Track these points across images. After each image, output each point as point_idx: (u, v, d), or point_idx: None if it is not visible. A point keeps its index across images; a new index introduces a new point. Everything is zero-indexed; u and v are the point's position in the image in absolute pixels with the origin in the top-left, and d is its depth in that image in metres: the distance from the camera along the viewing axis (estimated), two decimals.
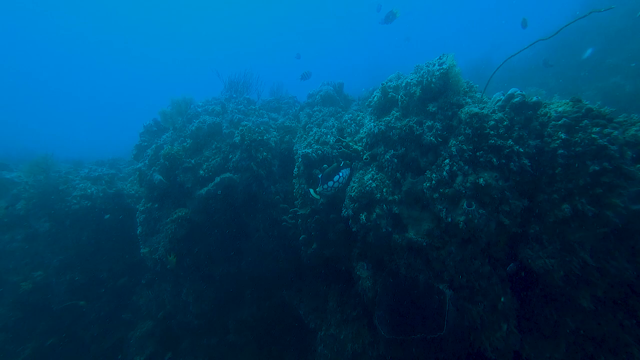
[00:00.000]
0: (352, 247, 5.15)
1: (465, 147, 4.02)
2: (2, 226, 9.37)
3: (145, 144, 7.04)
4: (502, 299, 4.26)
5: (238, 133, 5.88)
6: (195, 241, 6.39)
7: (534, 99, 4.07)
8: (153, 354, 7.21)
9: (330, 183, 4.43)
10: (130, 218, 7.47)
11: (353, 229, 4.76)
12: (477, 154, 3.97)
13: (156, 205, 6.47)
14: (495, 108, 4.15)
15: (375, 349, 5.18)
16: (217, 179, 5.83)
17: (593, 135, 3.53)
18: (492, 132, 3.92)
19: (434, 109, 4.29)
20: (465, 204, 3.98)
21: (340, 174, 4.48)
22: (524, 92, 4.11)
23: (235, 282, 6.76)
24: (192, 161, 6.01)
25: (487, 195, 3.92)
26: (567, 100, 3.96)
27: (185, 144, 6.18)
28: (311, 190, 4.44)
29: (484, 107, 4.17)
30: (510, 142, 3.89)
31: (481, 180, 3.86)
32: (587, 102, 3.78)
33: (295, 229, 5.85)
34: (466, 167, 4.03)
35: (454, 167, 4.06)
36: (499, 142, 3.89)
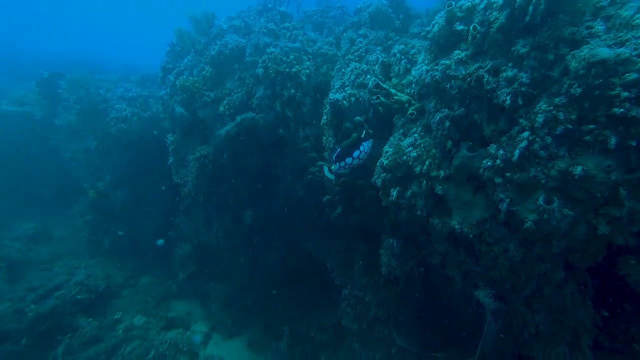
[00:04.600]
0: (382, 217, 4.30)
1: (562, 116, 2.60)
2: (68, 137, 10.09)
3: (170, 65, 6.33)
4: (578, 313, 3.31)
5: (261, 63, 4.82)
6: (222, 181, 6.03)
7: None
8: (193, 273, 7.75)
9: (349, 160, 3.46)
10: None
11: (383, 203, 3.85)
12: (583, 127, 2.53)
13: (182, 138, 6.06)
14: None
15: None
16: (238, 119, 5.06)
17: None
18: (625, 94, 2.34)
19: (524, 49, 2.76)
20: (542, 199, 2.77)
21: (361, 148, 3.43)
22: None
23: (264, 224, 6.51)
24: (212, 95, 5.23)
25: (583, 190, 2.62)
26: None
27: (204, 72, 5.34)
28: (325, 169, 3.51)
29: (623, 46, 2.47)
30: None
31: (578, 169, 2.53)
32: None
33: (322, 183, 5.08)
34: (555, 146, 2.68)
35: (535, 145, 2.74)
36: (633, 112, 2.34)
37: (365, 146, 3.49)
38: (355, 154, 3.46)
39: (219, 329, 7.23)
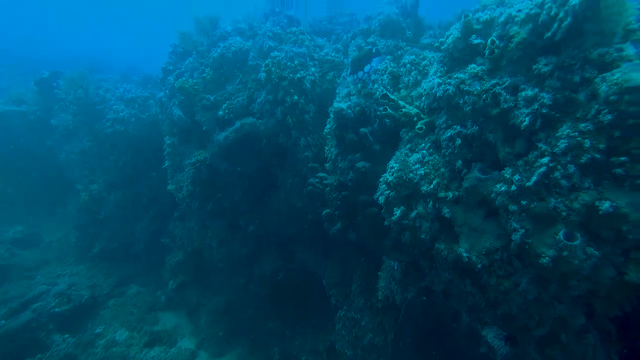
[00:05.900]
0: (384, 237, 4.04)
1: (588, 144, 2.35)
2: (63, 137, 9.83)
3: (171, 67, 6.15)
4: None
5: (264, 67, 4.61)
6: (218, 187, 5.79)
7: None
8: (183, 283, 7.44)
9: (360, 74, 3.48)
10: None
11: (385, 222, 3.60)
12: (613, 159, 2.28)
13: (179, 141, 5.85)
14: None
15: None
16: (237, 124, 4.85)
17: None
18: None
19: (546, 67, 2.53)
20: (562, 234, 2.50)
21: (373, 63, 3.45)
22: None
23: (260, 234, 6.24)
24: (212, 98, 5.03)
25: (610, 229, 2.36)
26: None
27: (205, 75, 5.14)
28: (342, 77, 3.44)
29: None
30: None
31: (605, 205, 2.28)
32: None
33: (323, 196, 4.83)
34: (579, 177, 2.44)
35: (556, 173, 2.49)
36: None
37: (375, 62, 3.44)
38: (367, 68, 3.42)
39: (207, 347, 6.84)
